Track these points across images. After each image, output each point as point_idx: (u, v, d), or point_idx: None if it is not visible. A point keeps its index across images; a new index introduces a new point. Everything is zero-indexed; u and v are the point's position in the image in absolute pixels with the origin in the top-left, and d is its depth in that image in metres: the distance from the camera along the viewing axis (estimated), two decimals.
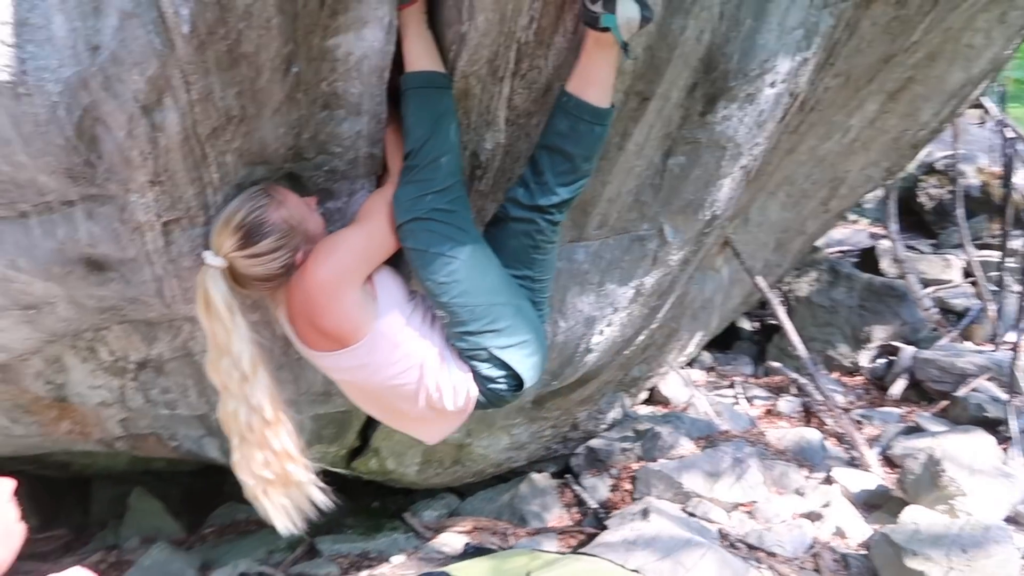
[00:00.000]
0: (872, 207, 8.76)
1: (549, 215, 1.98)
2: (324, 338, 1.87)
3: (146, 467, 4.99)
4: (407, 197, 1.86)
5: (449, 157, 1.88)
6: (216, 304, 1.74)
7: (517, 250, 2.01)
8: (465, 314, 1.86)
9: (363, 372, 1.90)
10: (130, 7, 1.37)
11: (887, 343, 5.76)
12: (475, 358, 1.92)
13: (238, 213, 1.75)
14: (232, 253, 1.74)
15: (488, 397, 1.97)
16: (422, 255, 1.86)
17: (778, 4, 2.23)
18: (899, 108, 4.14)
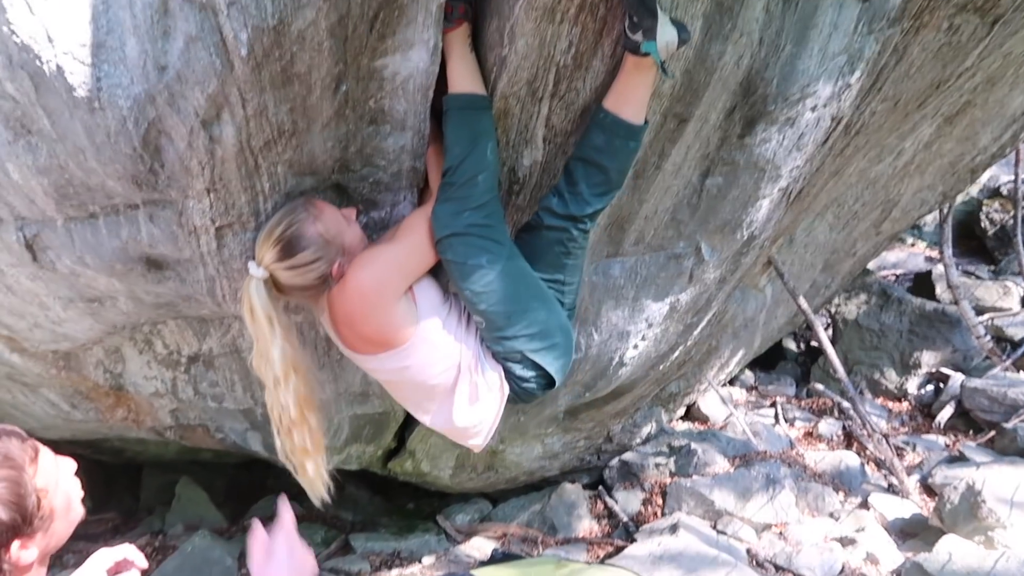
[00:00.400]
0: (931, 230, 8.56)
1: (581, 224, 2.11)
2: (367, 343, 1.99)
3: (194, 457, 5.19)
4: (446, 213, 1.96)
5: (486, 175, 1.98)
6: (257, 312, 1.87)
7: (549, 256, 2.14)
8: (501, 320, 2.01)
9: (406, 373, 2.03)
10: (195, 31, 1.48)
11: (936, 370, 5.63)
12: (509, 359, 2.07)
13: (278, 227, 1.86)
14: (272, 264, 1.87)
15: (519, 394, 2.13)
16: (460, 267, 1.98)
17: (819, 31, 2.24)
18: (956, 132, 4.08)
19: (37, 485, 1.15)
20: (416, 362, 2.00)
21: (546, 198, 2.15)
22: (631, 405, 4.23)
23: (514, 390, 2.12)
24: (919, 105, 3.34)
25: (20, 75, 1.45)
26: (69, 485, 1.24)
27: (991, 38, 2.85)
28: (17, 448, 1.15)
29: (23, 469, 1.14)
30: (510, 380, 2.10)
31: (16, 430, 1.19)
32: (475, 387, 2.05)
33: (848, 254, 5.09)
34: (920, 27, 2.55)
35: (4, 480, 1.11)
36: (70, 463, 1.27)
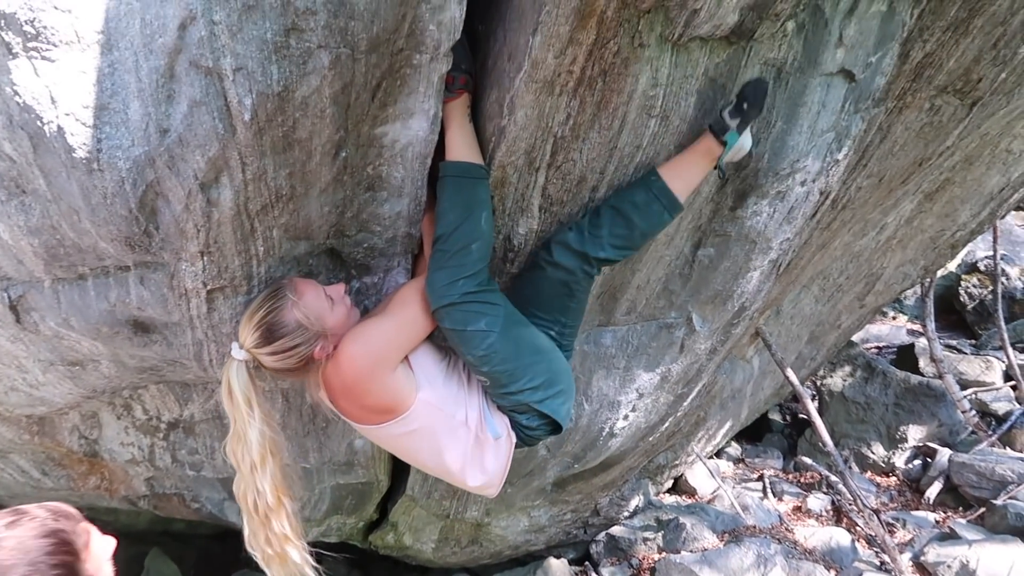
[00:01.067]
0: (912, 304, 8.67)
1: (589, 267, 2.14)
2: (371, 413, 1.96)
3: (165, 527, 5.01)
4: (441, 283, 1.95)
5: (480, 244, 1.98)
6: (236, 394, 1.85)
7: (552, 297, 2.18)
8: (506, 378, 2.01)
9: (414, 437, 2.01)
10: (200, 96, 1.49)
11: (923, 444, 5.61)
12: (516, 411, 2.08)
13: (258, 311, 1.84)
14: (253, 349, 1.85)
15: (525, 441, 2.15)
16: (460, 334, 1.97)
17: (809, 108, 2.30)
18: (936, 208, 4.17)
19: (88, 571, 1.12)
20: (421, 426, 1.98)
21: (561, 233, 2.18)
22: (620, 477, 4.16)
23: (520, 437, 2.12)
24: (902, 181, 3.42)
25: (19, 135, 1.44)
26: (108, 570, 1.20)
27: (970, 119, 2.94)
28: (74, 533, 1.13)
29: (79, 556, 1.12)
30: (516, 429, 2.10)
31: (73, 512, 1.16)
32: (482, 443, 2.04)
33: (833, 326, 5.12)
34: (903, 107, 2.63)
35: (61, 567, 1.09)
36: (110, 544, 1.23)
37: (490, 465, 2.07)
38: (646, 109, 2.04)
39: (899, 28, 2.27)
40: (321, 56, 1.54)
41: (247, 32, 1.44)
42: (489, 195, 2.06)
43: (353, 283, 2.28)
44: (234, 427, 1.89)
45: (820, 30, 2.16)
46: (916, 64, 2.43)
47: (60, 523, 1.11)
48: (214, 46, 1.43)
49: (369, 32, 1.58)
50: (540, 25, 1.72)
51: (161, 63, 1.43)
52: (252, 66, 1.48)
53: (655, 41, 1.90)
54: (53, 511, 1.13)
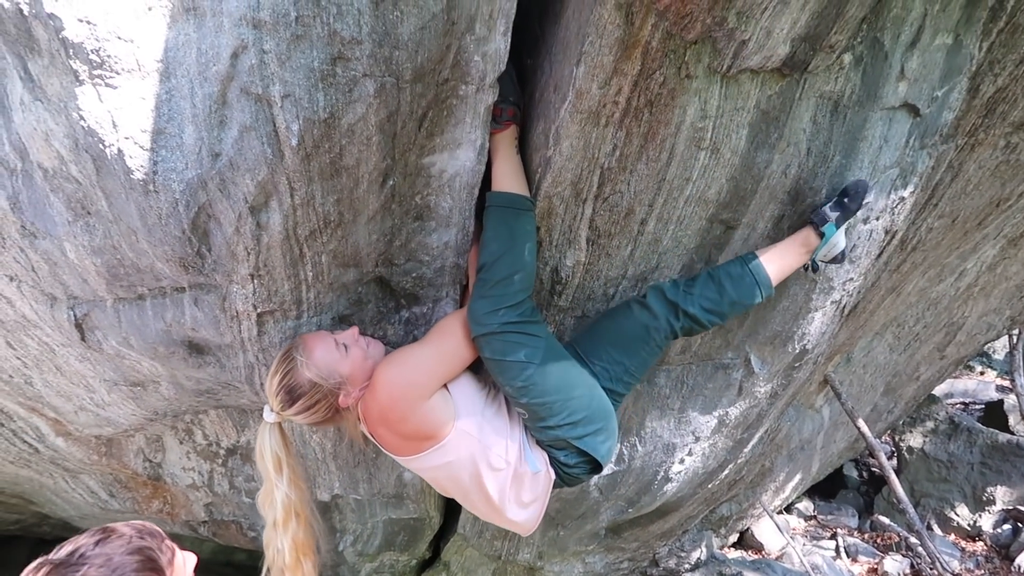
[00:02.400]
0: (1001, 359, 8.20)
1: (675, 319, 2.16)
2: (407, 442, 1.96)
3: (228, 558, 5.09)
4: (482, 311, 1.96)
5: (523, 275, 1.99)
6: (267, 457, 1.93)
7: (630, 339, 2.17)
8: (544, 411, 1.99)
9: (450, 469, 2.00)
10: (250, 121, 1.56)
11: (1013, 508, 5.23)
12: (554, 446, 2.05)
13: (275, 376, 1.89)
14: (281, 412, 1.91)
15: (565, 480, 2.11)
16: (499, 364, 1.97)
17: (869, 143, 2.23)
18: (1022, 255, 3.96)
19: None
20: (458, 457, 1.97)
21: (658, 282, 2.27)
22: (678, 526, 4.01)
23: (559, 475, 2.09)
24: (979, 224, 3.26)
25: (84, 158, 1.53)
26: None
27: None
28: (159, 550, 1.17)
29: (164, 572, 1.15)
30: (555, 466, 2.07)
31: (157, 530, 1.21)
32: (520, 477, 2.02)
33: (911, 378, 4.88)
34: (975, 144, 2.53)
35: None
36: (192, 560, 1.26)
37: (527, 498, 2.04)
38: (695, 141, 2.02)
39: (967, 61, 2.19)
40: (366, 84, 1.59)
41: (295, 60, 1.50)
42: (534, 227, 2.07)
43: (402, 312, 2.30)
44: (266, 482, 1.96)
45: (880, 63, 2.10)
46: (987, 99, 2.34)
47: (146, 540, 1.14)
48: (264, 74, 1.50)
49: (414, 62, 1.62)
50: (584, 56, 1.74)
51: (215, 90, 1.50)
52: (299, 93, 1.54)
53: (703, 72, 1.89)
54: (139, 529, 1.16)
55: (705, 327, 2.22)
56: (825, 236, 2.21)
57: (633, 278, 2.36)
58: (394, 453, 2.01)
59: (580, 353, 2.16)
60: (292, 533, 1.94)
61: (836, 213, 2.19)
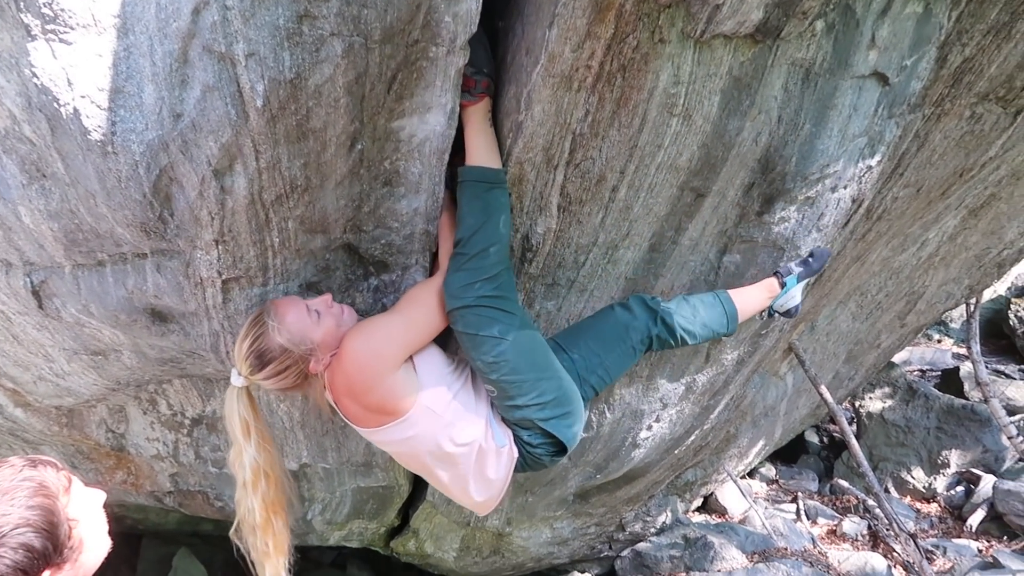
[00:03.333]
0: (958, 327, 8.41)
1: (652, 324, 2.28)
2: (371, 414, 1.95)
3: (195, 528, 5.06)
4: (457, 284, 1.95)
5: (497, 247, 1.98)
6: (234, 420, 1.92)
7: (607, 332, 2.26)
8: (513, 390, 1.99)
9: (412, 443, 1.99)
10: (213, 81, 1.50)
11: (966, 470, 5.40)
12: (520, 426, 2.05)
13: (245, 340, 1.86)
14: (249, 376, 1.89)
15: (528, 461, 2.10)
16: (472, 338, 1.97)
17: (839, 111, 2.24)
18: (981, 225, 4.03)
19: (69, 515, 1.14)
20: (420, 431, 1.95)
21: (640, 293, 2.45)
22: (645, 491, 4.08)
23: (523, 455, 2.09)
24: (942, 194, 3.31)
25: (38, 117, 1.47)
26: (98, 517, 1.22)
27: (1014, 129, 2.84)
28: (52, 477, 1.15)
29: (57, 498, 1.14)
30: (519, 445, 2.07)
31: (52, 460, 1.19)
32: (484, 453, 2.01)
33: (872, 346, 4.98)
34: (942, 114, 2.55)
35: (38, 508, 1.11)
36: (99, 495, 1.25)
37: (491, 475, 2.04)
38: (667, 107, 2.01)
39: (936, 31, 2.20)
40: (334, 44, 1.55)
41: (259, 18, 1.45)
42: (507, 199, 2.06)
43: (371, 280, 2.27)
44: (234, 444, 1.95)
45: (851, 30, 2.10)
46: (955, 69, 2.35)
47: (38, 469, 1.13)
48: (227, 31, 1.45)
49: (383, 21, 1.58)
50: (557, 18, 1.71)
51: (175, 47, 1.45)
52: (264, 52, 1.49)
53: (676, 37, 1.87)
54: (31, 459, 1.16)
55: (677, 342, 2.32)
56: (786, 286, 2.50)
57: (604, 245, 2.36)
58: (357, 424, 2.00)
59: (559, 344, 2.21)
60: (262, 493, 1.93)
61: (800, 269, 2.50)
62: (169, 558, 5.10)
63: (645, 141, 2.07)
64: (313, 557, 5.42)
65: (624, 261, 2.46)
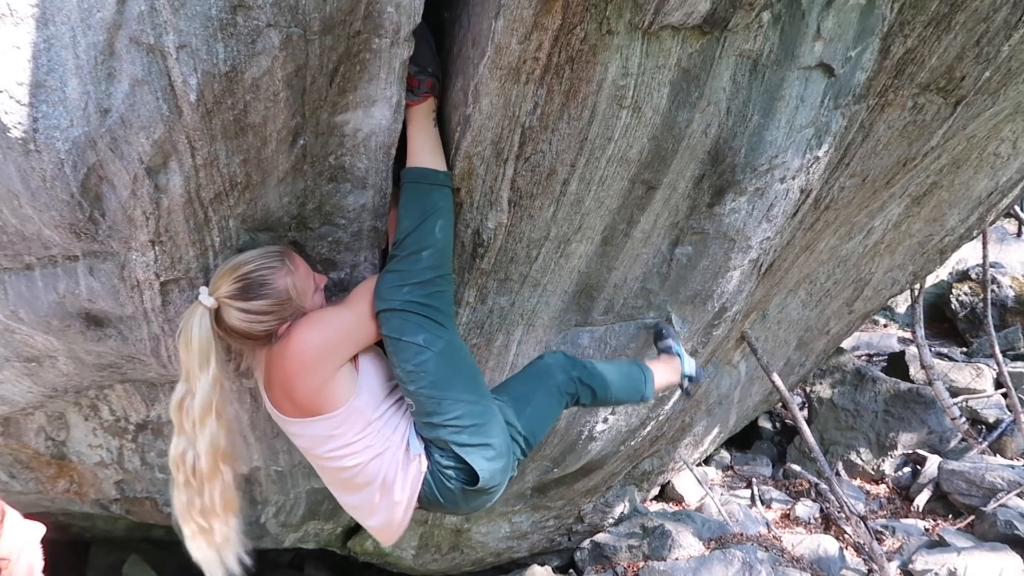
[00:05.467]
0: (903, 312, 8.64)
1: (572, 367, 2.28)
2: (297, 404, 1.85)
3: (145, 534, 4.93)
4: (386, 286, 1.89)
5: (431, 252, 1.91)
6: (194, 343, 1.74)
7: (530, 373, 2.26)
8: (431, 405, 1.88)
9: (328, 443, 1.88)
10: (142, 74, 1.43)
11: (913, 451, 5.56)
12: (435, 445, 1.92)
13: (246, 264, 1.76)
14: (225, 299, 1.75)
15: (436, 485, 1.92)
16: (395, 343, 1.88)
17: (787, 103, 2.25)
18: (924, 212, 4.13)
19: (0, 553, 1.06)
20: (340, 433, 1.86)
21: None
22: (602, 483, 4.09)
23: (432, 475, 1.92)
24: (887, 183, 3.37)
25: None
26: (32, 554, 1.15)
27: (954, 119, 2.90)
28: None
29: None
30: (430, 470, 1.92)
31: None
32: (394, 471, 1.89)
33: (822, 332, 5.07)
34: (885, 105, 2.59)
35: None
36: (38, 529, 1.17)
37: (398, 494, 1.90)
38: (617, 99, 1.99)
39: (879, 22, 2.22)
40: (271, 35, 1.48)
41: (190, 8, 1.38)
42: (449, 203, 1.99)
43: None
44: (185, 375, 1.77)
45: (797, 22, 2.11)
46: (897, 60, 2.38)
47: None
48: (155, 22, 1.37)
49: (322, 12, 1.52)
50: (503, 9, 1.67)
51: (100, 39, 1.37)
52: (196, 44, 1.42)
53: (624, 28, 1.84)
54: None
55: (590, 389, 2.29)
56: (678, 354, 2.65)
57: (556, 239, 2.34)
58: (280, 411, 1.89)
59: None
60: (211, 434, 1.76)
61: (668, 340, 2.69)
62: (119, 565, 4.97)
63: (595, 134, 2.05)
64: (270, 558, 5.33)
65: (577, 255, 2.44)
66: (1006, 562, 3.88)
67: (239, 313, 1.75)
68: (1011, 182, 4.14)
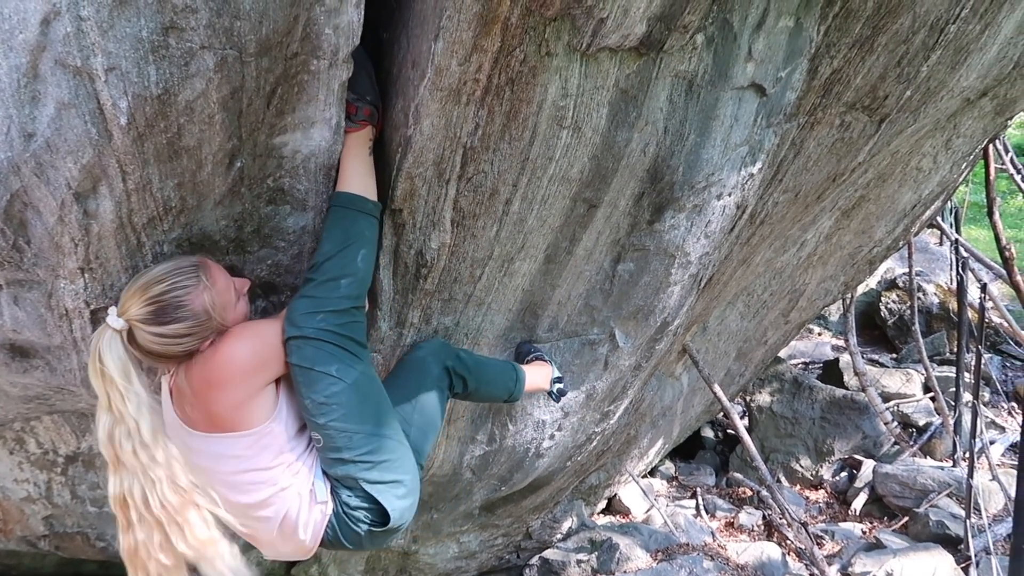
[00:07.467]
0: (836, 320, 8.91)
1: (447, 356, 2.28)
2: (209, 418, 1.70)
3: (76, 570, 4.71)
4: (299, 312, 1.78)
5: (351, 280, 1.84)
6: (109, 367, 1.58)
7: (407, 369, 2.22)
8: (341, 440, 1.77)
9: (228, 463, 1.73)
10: (68, 98, 1.38)
11: (849, 456, 5.73)
12: (343, 484, 1.81)
13: (159, 285, 1.62)
14: (136, 322, 1.61)
15: (341, 527, 1.81)
16: (306, 373, 1.76)
17: (721, 122, 2.31)
18: (853, 225, 4.28)
19: None
20: (245, 455, 1.72)
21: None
22: (550, 499, 4.09)
23: (338, 517, 1.80)
24: (818, 197, 3.49)
25: None
26: None
27: (879, 136, 3.02)
28: None
29: None
30: (337, 504, 1.80)
31: None
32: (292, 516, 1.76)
33: (760, 342, 5.19)
34: (815, 123, 2.68)
35: None
36: None
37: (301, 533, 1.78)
38: (557, 120, 2.01)
39: (807, 44, 2.30)
40: (205, 58, 1.45)
41: (119, 29, 1.34)
42: (375, 233, 1.94)
43: (258, 302, 2.17)
44: (108, 408, 1.60)
45: (729, 44, 2.17)
46: (825, 80, 2.47)
47: None
48: (82, 44, 1.33)
49: (258, 33, 1.50)
50: (442, 31, 1.67)
51: (23, 61, 1.32)
52: (127, 66, 1.38)
53: (563, 50, 1.87)
54: None
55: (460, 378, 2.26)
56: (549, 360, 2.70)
57: (500, 258, 2.34)
58: (183, 422, 1.73)
59: None
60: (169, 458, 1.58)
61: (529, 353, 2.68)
62: None
63: (536, 154, 2.07)
64: None
65: (520, 273, 2.45)
66: (939, 561, 4.03)
67: (154, 337, 1.61)
68: (933, 195, 4.32)
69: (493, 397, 2.49)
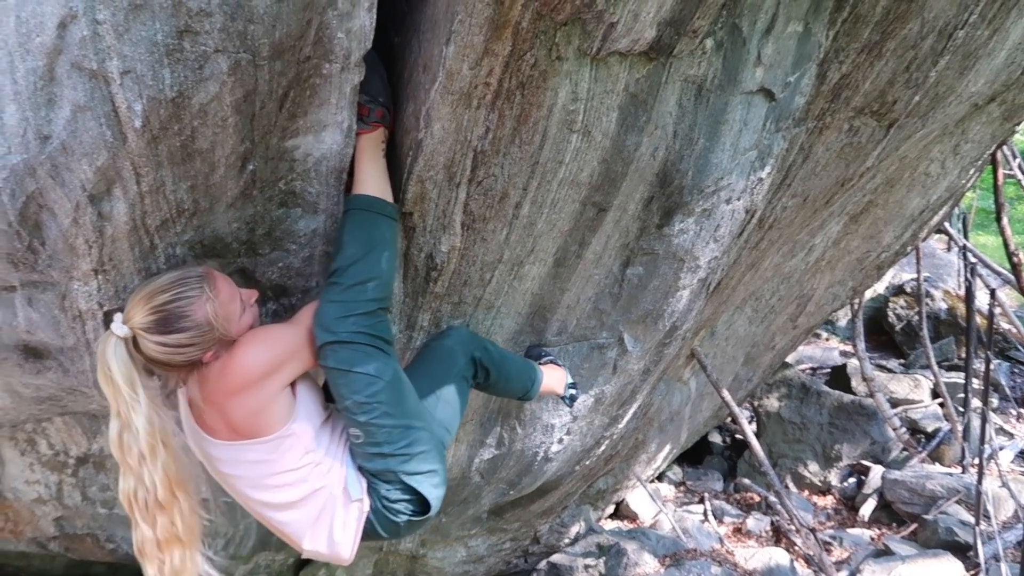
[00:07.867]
0: (844, 325, 8.88)
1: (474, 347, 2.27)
2: (230, 427, 1.75)
3: (85, 572, 4.73)
4: (331, 317, 1.80)
5: (377, 283, 1.86)
6: (116, 375, 1.61)
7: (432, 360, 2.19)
8: (382, 435, 1.82)
9: (258, 468, 1.78)
10: (84, 100, 1.40)
11: (857, 462, 5.70)
12: (381, 478, 1.86)
13: (162, 294, 1.63)
14: (140, 331, 1.62)
15: (382, 525, 1.88)
16: (345, 375, 1.81)
17: (731, 126, 2.31)
18: (861, 230, 4.27)
19: None
20: (273, 459, 1.76)
21: None
22: (558, 503, 4.09)
23: (376, 512, 1.86)
24: (826, 202, 3.49)
25: None
26: None
27: (888, 141, 3.02)
28: None
29: None
30: (375, 500, 1.86)
31: None
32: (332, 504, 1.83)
33: (768, 347, 5.18)
34: (823, 128, 2.68)
35: None
36: None
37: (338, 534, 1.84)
38: (567, 124, 2.02)
39: (816, 49, 2.30)
40: (219, 61, 1.47)
41: (135, 33, 1.36)
42: (395, 235, 1.97)
43: (269, 304, 2.18)
44: (117, 418, 1.65)
45: (739, 48, 2.17)
46: (834, 85, 2.47)
47: None
48: (98, 47, 1.34)
49: (271, 37, 1.51)
50: (453, 35, 1.68)
51: (40, 64, 1.33)
52: (142, 69, 1.39)
53: (573, 55, 1.88)
54: None
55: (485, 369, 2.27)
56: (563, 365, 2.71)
57: (510, 262, 2.35)
58: (205, 431, 1.77)
59: None
60: (163, 464, 1.63)
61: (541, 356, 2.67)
62: None
63: (546, 158, 2.08)
64: None
65: (530, 277, 2.45)
66: (948, 568, 4.00)
67: (157, 346, 1.63)
68: (941, 200, 4.31)
69: (509, 392, 2.49)
